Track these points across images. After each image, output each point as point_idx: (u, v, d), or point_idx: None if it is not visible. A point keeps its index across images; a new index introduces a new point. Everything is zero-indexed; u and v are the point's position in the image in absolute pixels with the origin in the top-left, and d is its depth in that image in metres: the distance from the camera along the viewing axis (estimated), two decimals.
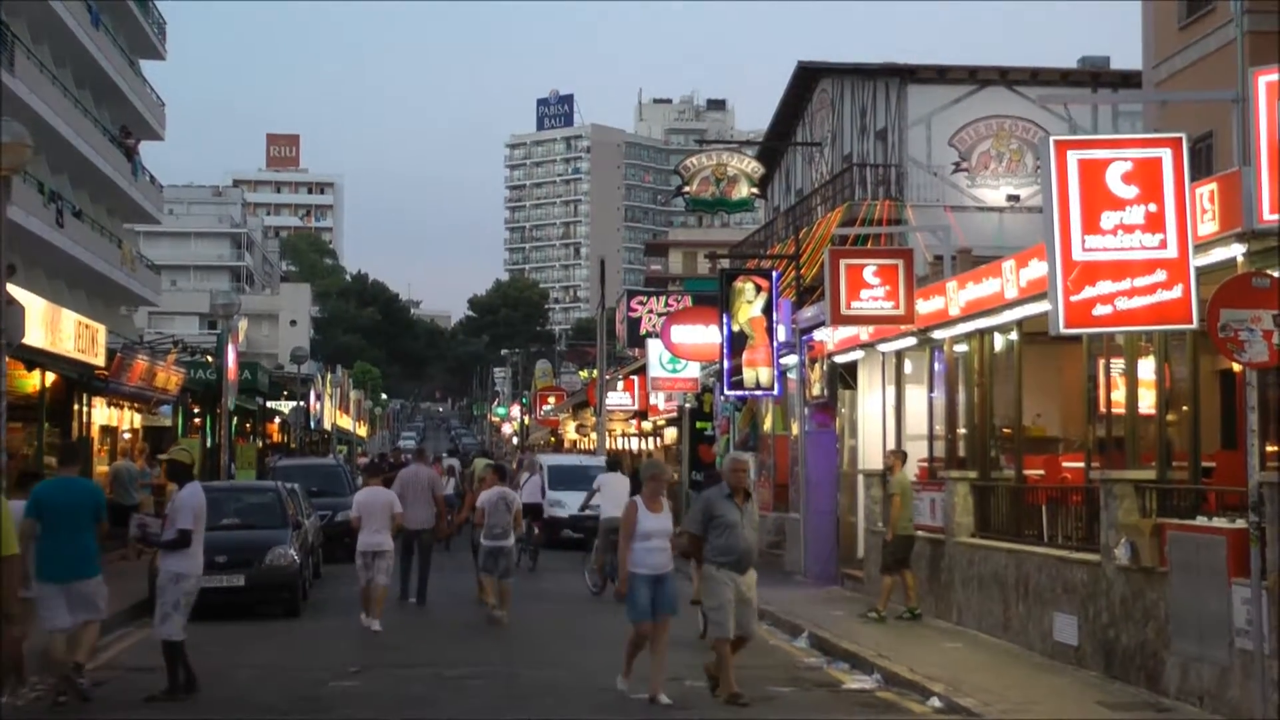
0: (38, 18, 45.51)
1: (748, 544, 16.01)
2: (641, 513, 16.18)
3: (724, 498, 16.06)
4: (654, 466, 17.30)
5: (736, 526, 15.89)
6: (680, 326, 38.64)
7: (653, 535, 16.14)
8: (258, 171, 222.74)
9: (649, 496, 16.37)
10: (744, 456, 17.05)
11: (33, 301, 25.48)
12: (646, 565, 16.05)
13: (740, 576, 15.92)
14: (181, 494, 16.51)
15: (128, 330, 57.65)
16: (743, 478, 16.31)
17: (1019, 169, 39.89)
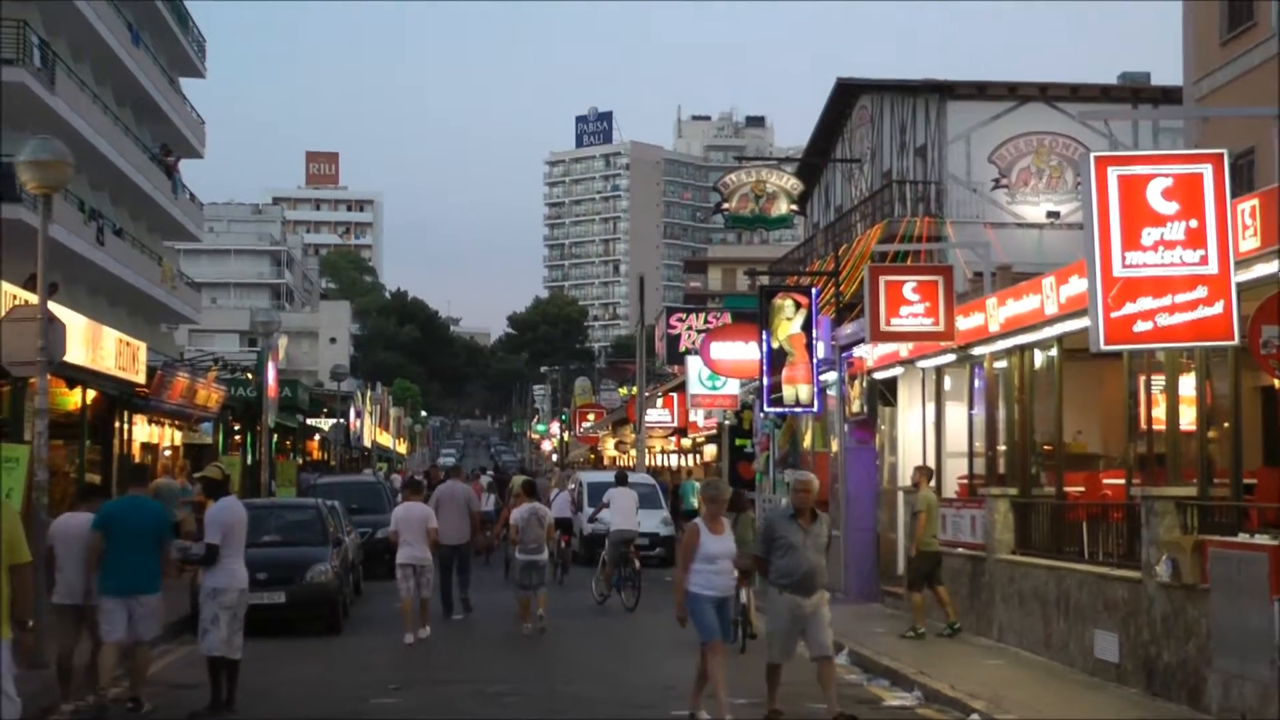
0: (79, 37, 45.82)
1: (810, 566, 15.50)
2: (704, 535, 15.60)
3: (787, 518, 15.75)
4: (714, 487, 16.55)
5: (799, 548, 15.44)
6: (719, 343, 38.60)
7: (717, 558, 15.60)
8: (297, 189, 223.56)
9: (710, 518, 15.79)
10: (809, 476, 16.21)
11: (74, 319, 25.61)
12: (713, 587, 15.58)
13: (805, 599, 15.49)
14: (211, 509, 16.90)
15: (168, 348, 57.91)
16: (807, 498, 15.73)
17: (1059, 185, 39.75)
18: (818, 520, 15.73)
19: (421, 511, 23.93)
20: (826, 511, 15.78)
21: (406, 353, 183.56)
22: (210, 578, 16.54)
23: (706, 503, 16.00)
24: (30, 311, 19.64)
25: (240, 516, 16.82)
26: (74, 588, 16.48)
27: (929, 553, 23.20)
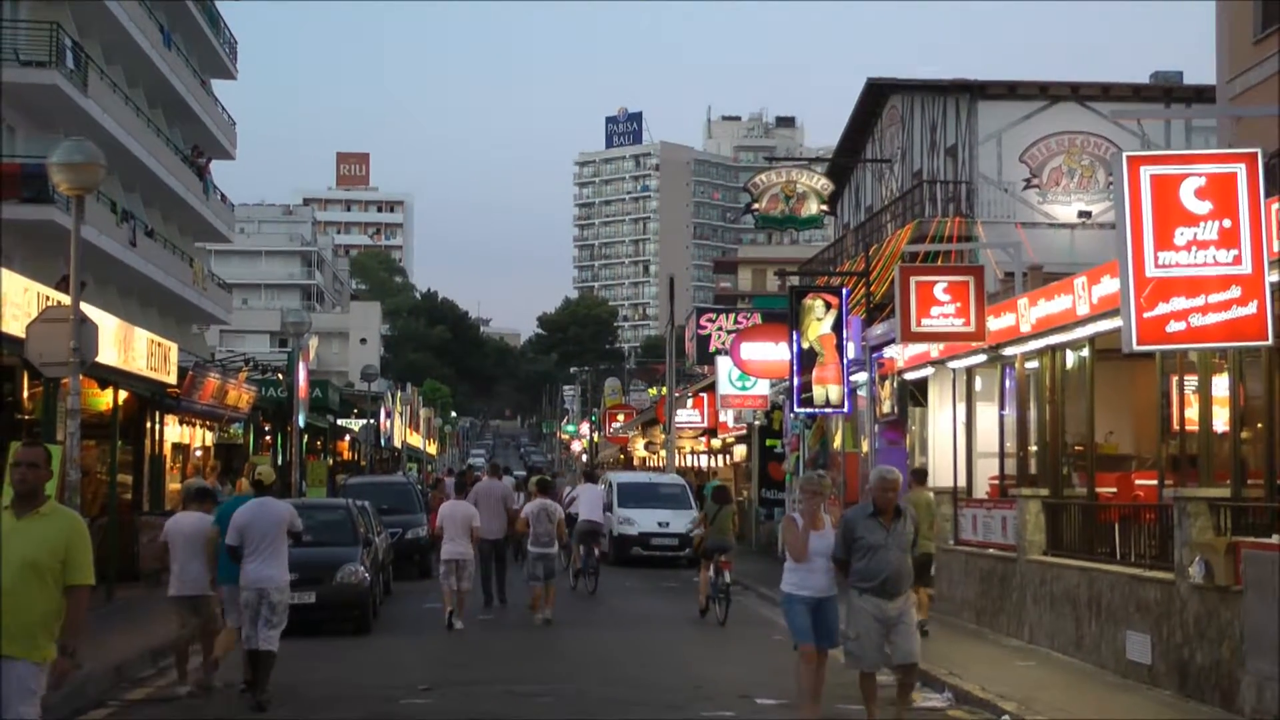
0: (111, 39, 45.99)
1: (894, 568, 14.60)
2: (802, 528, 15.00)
3: (867, 517, 14.74)
4: (812, 480, 15.58)
5: (880, 549, 14.54)
6: (750, 344, 38.59)
7: (812, 555, 14.89)
8: (328, 190, 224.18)
9: (808, 514, 15.05)
10: (894, 473, 15.15)
11: (105, 320, 25.68)
12: (809, 587, 14.94)
13: (888, 602, 14.61)
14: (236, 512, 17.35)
15: (199, 348, 58.08)
16: (891, 496, 14.74)
17: (1090, 185, 39.65)
18: (901, 518, 14.82)
19: (465, 510, 25.30)
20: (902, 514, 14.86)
21: (436, 353, 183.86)
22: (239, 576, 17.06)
23: (804, 496, 15.31)
24: (63, 312, 19.71)
25: (257, 517, 17.08)
26: (188, 581, 17.63)
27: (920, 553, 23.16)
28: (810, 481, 15.47)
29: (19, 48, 39.25)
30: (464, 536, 24.77)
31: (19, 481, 9.30)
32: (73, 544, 9.33)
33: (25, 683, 8.98)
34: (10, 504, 9.45)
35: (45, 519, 9.31)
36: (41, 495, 9.41)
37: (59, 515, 9.52)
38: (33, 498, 9.33)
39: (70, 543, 9.31)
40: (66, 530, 9.37)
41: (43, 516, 9.32)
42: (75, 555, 9.30)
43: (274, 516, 17.11)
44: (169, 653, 18.67)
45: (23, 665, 8.96)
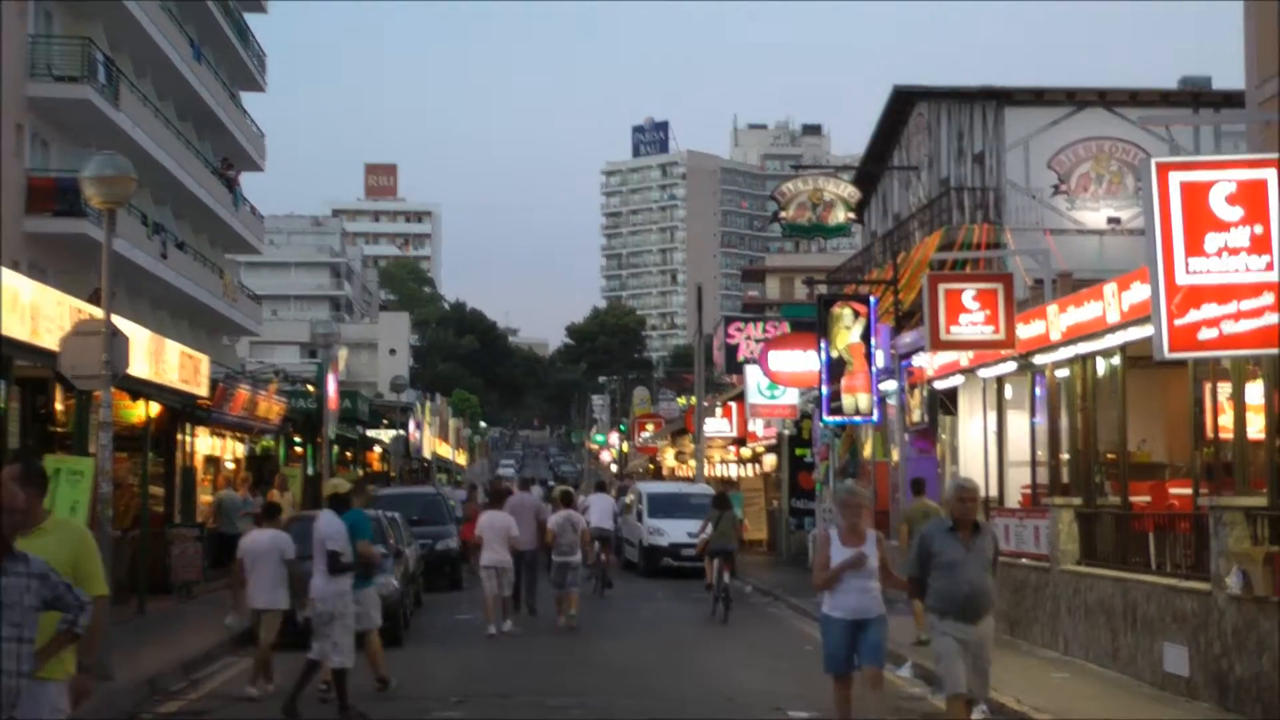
0: (141, 52, 46.19)
1: (974, 587, 13.43)
2: (835, 547, 13.89)
3: (945, 532, 13.62)
4: (848, 491, 14.52)
5: (959, 566, 13.42)
6: (778, 353, 38.57)
7: (848, 575, 13.78)
8: (356, 201, 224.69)
9: (847, 528, 13.94)
10: (972, 483, 14.21)
11: (137, 332, 25.76)
12: (844, 608, 13.79)
13: (969, 625, 13.46)
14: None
15: (230, 360, 58.24)
16: (970, 508, 13.66)
17: (1119, 191, 39.54)
18: (980, 534, 13.67)
19: (504, 520, 25.79)
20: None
21: (465, 364, 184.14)
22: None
23: (842, 510, 14.24)
24: (95, 325, 19.75)
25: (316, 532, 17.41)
26: (261, 595, 18.40)
27: None
28: (850, 494, 14.38)
29: (52, 62, 39.49)
30: (504, 544, 25.37)
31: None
32: (80, 556, 9.07)
33: (55, 702, 8.79)
34: None
35: (48, 535, 9.08)
36: (40, 512, 9.15)
37: (63, 529, 9.33)
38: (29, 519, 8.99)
39: (77, 556, 9.06)
40: (72, 543, 9.16)
41: (46, 533, 9.09)
42: (84, 567, 9.07)
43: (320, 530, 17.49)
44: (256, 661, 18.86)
45: (51, 686, 8.74)
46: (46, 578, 8.40)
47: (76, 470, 20.06)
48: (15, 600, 8.24)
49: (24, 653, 8.28)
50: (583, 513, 33.34)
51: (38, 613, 8.35)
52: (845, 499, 14.24)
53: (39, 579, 8.36)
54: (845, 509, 14.11)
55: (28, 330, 20.85)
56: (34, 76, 38.92)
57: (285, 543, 18.58)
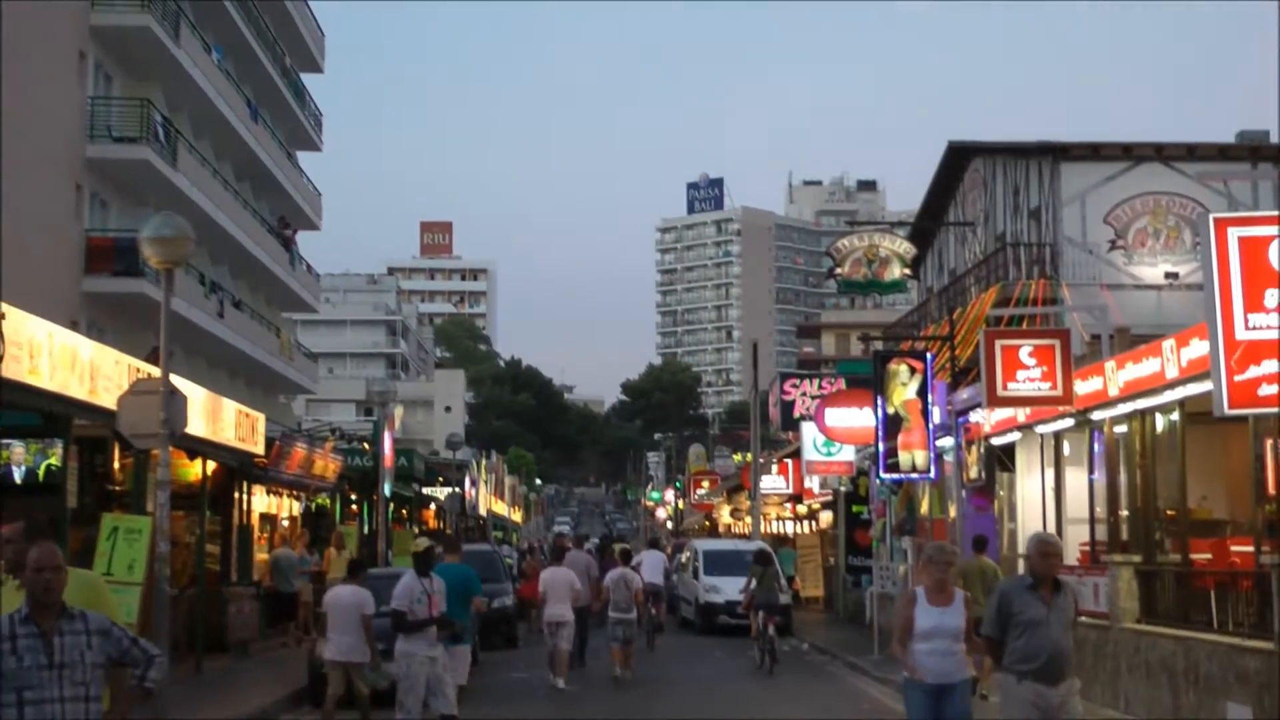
0: (200, 113, 46.65)
1: (1056, 647, 12.43)
2: (920, 607, 13.01)
3: (1025, 589, 12.64)
4: (936, 548, 13.65)
5: (1040, 625, 12.42)
6: (834, 409, 38.39)
7: (934, 635, 12.93)
8: (412, 259, 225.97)
9: (933, 587, 13.06)
10: (1055, 539, 13.23)
11: (194, 391, 25.89)
12: (930, 672, 12.96)
13: (1050, 688, 12.49)
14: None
15: (286, 418, 58.47)
16: (1053, 563, 12.76)
17: (1177, 246, 39.31)
18: (1061, 591, 12.70)
19: (567, 576, 26.65)
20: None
21: (521, 421, 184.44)
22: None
23: (929, 567, 13.31)
24: (153, 384, 19.84)
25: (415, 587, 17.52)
26: (343, 648, 18.80)
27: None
28: (938, 551, 13.52)
29: (111, 123, 39.91)
30: (567, 600, 26.07)
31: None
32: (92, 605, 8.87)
33: None
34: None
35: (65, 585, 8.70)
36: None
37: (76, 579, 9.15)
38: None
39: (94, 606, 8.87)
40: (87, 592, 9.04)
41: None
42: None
43: (405, 589, 17.65)
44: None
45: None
46: (108, 633, 8.37)
47: (134, 529, 20.17)
48: (75, 659, 8.20)
49: (92, 712, 8.22)
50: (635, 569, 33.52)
51: (104, 670, 8.32)
52: (933, 555, 13.43)
53: (100, 635, 8.33)
54: (932, 566, 13.25)
55: (86, 389, 20.99)
56: (93, 138, 39.36)
57: (366, 599, 18.82)
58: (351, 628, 18.74)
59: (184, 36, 42.74)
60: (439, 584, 17.48)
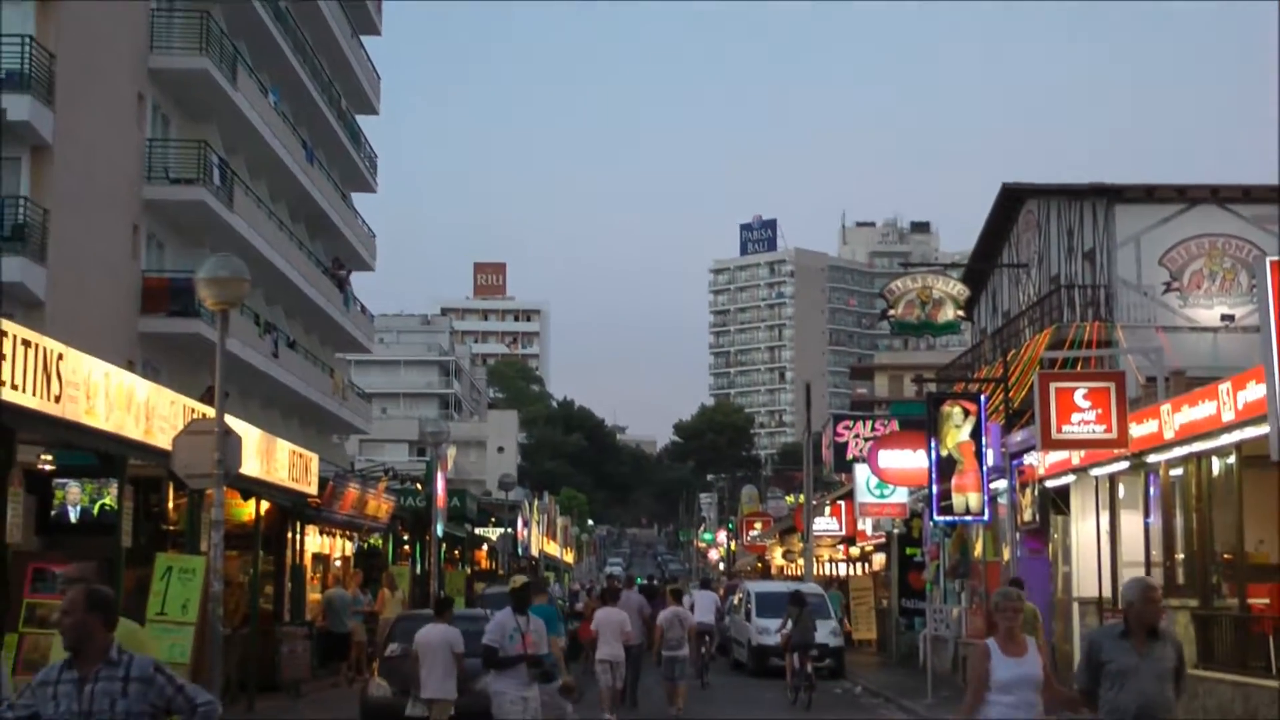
0: (256, 156, 47.02)
1: (1147, 698, 11.59)
2: (995, 658, 11.89)
3: (1115, 637, 11.80)
4: (1004, 595, 12.45)
5: (1132, 675, 11.56)
6: (887, 451, 38.28)
7: (1014, 687, 11.79)
8: (465, 300, 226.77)
9: (1005, 636, 11.99)
10: (1153, 583, 12.44)
11: (249, 431, 26.04)
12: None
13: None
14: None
15: (339, 458, 58.69)
16: (1158, 609, 11.82)
17: (1233, 288, 39.03)
18: (1158, 640, 11.77)
19: (618, 615, 26.78)
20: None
21: (573, 461, 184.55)
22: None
23: (1000, 615, 12.25)
24: (207, 425, 19.98)
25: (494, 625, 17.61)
26: (435, 686, 18.85)
27: None
28: (1006, 598, 12.37)
29: (168, 165, 40.27)
30: (618, 639, 26.26)
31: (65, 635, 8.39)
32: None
33: None
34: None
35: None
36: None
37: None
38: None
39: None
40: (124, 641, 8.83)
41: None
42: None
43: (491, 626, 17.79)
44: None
45: None
46: (150, 681, 8.26)
47: (188, 569, 20.27)
48: (104, 707, 8.14)
49: None
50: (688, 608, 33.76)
51: (149, 718, 8.22)
52: (1001, 602, 12.31)
53: (141, 683, 8.24)
54: (1000, 614, 12.19)
55: (142, 430, 21.15)
56: (151, 179, 39.72)
57: (455, 637, 18.92)
58: (441, 665, 18.85)
59: (241, 79, 43.13)
60: (536, 623, 17.31)
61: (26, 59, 32.83)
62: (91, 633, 8.34)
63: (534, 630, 17.10)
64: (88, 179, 35.70)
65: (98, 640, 8.33)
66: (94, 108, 36.10)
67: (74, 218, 34.62)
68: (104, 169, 36.85)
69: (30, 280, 32.28)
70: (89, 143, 35.67)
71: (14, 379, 16.98)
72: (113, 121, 37.59)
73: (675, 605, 30.28)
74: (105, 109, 37.02)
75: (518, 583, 18.11)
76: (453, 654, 18.81)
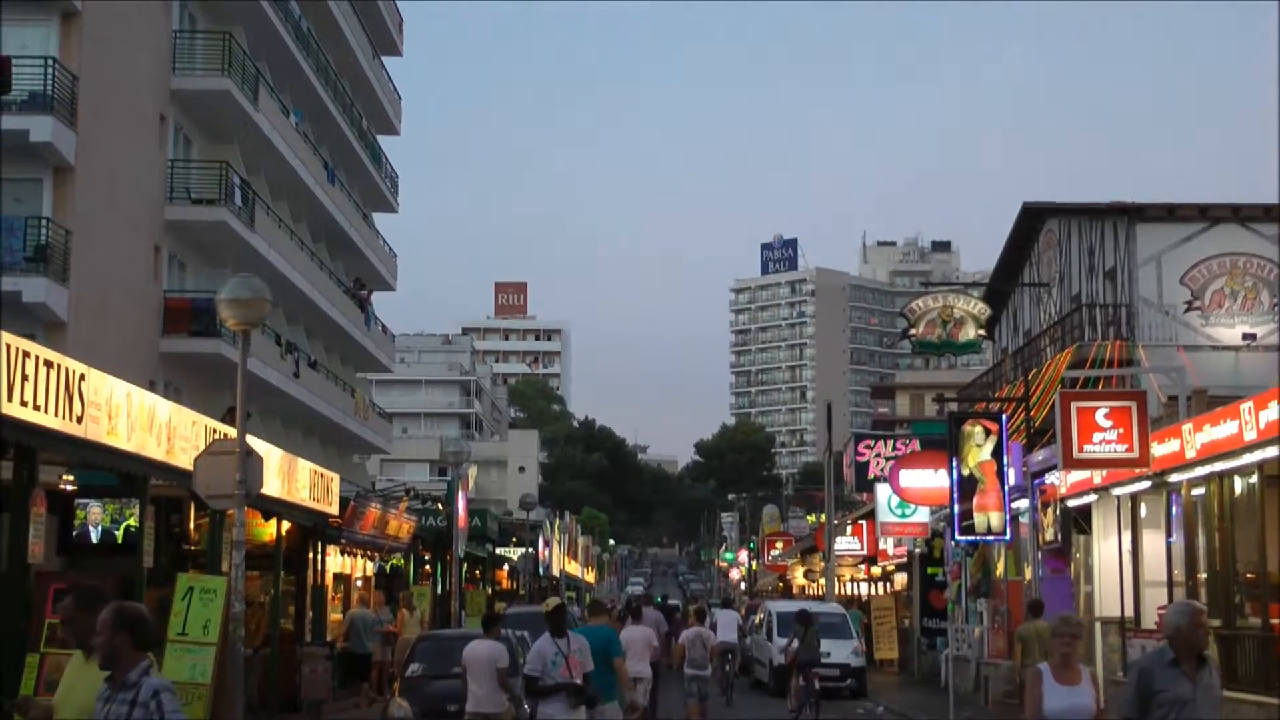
0: (277, 176, 47.17)
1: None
2: (1048, 685, 11.55)
3: (1167, 665, 11.09)
4: (1062, 620, 12.17)
5: (1188, 705, 10.90)
6: (909, 471, 38.22)
7: (1063, 716, 11.49)
8: (486, 319, 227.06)
9: (1059, 664, 11.60)
10: (1200, 606, 11.67)
11: (270, 452, 26.07)
12: None
13: None
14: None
15: (360, 478, 58.76)
16: (1202, 635, 11.21)
17: (1255, 307, 38.94)
18: (1205, 667, 11.13)
19: (644, 633, 26.36)
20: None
21: (594, 481, 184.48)
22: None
23: (1057, 640, 11.89)
24: (229, 445, 20.01)
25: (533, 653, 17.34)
26: (481, 700, 18.89)
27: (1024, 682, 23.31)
28: (1064, 623, 12.04)
29: (190, 185, 40.40)
30: (644, 658, 25.88)
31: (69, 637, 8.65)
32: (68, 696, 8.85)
33: None
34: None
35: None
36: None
37: None
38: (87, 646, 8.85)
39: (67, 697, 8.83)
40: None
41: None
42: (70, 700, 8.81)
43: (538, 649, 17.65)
44: None
45: None
46: (146, 705, 8.23)
47: (209, 589, 20.29)
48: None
49: None
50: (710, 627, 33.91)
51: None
52: (1058, 628, 11.93)
53: (142, 706, 8.23)
54: (1058, 640, 11.78)
55: (163, 450, 21.20)
56: (172, 199, 39.84)
57: (500, 653, 18.97)
58: (487, 680, 18.91)
59: (262, 99, 43.28)
60: (579, 644, 16.73)
61: (49, 80, 33.00)
62: (120, 651, 8.39)
63: (577, 651, 16.51)
64: (110, 200, 35.84)
65: (126, 659, 8.38)
66: (116, 128, 36.25)
67: (96, 238, 34.75)
68: (126, 190, 36.99)
69: (53, 301, 32.40)
70: (111, 164, 35.82)
71: (36, 399, 17.04)
72: (135, 142, 37.73)
73: (697, 624, 30.44)
74: (127, 130, 37.17)
75: (551, 605, 17.49)
76: (497, 669, 18.85)
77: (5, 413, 16.29)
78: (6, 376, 16.30)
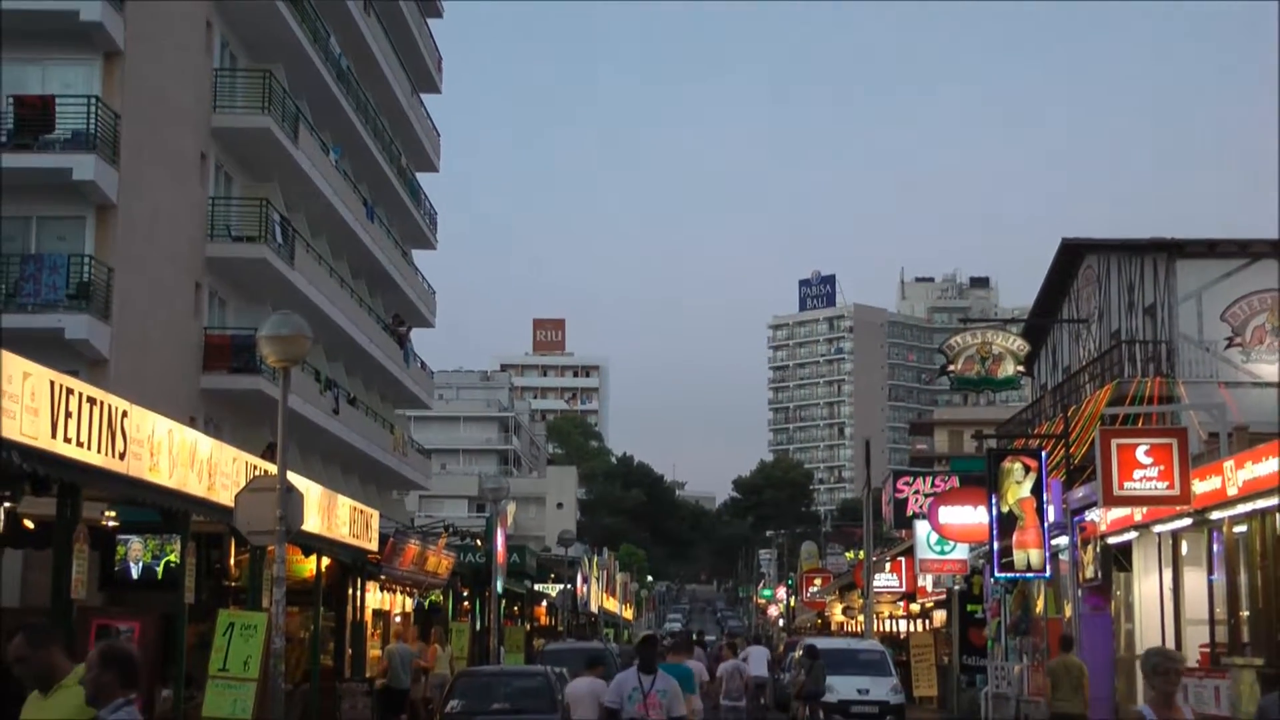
0: (317, 213, 47.40)
1: None
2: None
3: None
4: (1162, 655, 11.20)
5: None
6: (948, 507, 38.12)
7: None
8: (525, 356, 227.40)
9: (1160, 703, 10.85)
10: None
11: (310, 488, 26.15)
12: None
13: None
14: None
15: (399, 514, 58.83)
16: None
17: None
18: None
19: (695, 667, 25.77)
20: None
21: (632, 517, 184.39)
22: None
23: (1159, 678, 10.99)
24: (269, 482, 20.08)
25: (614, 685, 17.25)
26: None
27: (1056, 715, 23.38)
28: (1165, 659, 11.13)
29: (230, 223, 40.65)
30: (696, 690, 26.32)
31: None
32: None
33: None
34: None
35: (67, 690, 8.90)
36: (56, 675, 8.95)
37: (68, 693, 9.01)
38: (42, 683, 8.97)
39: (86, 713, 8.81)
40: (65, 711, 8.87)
41: (65, 689, 8.92)
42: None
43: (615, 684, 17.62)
44: None
45: None
46: None
47: (250, 624, 20.34)
48: None
49: None
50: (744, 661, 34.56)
51: None
52: (1159, 664, 11.02)
53: None
54: (1159, 678, 10.94)
55: (204, 486, 21.29)
56: (213, 236, 40.06)
57: (601, 688, 18.84)
58: (590, 713, 18.76)
59: (302, 137, 43.54)
60: (665, 684, 16.13)
61: (92, 119, 33.27)
62: (107, 689, 8.49)
63: (659, 690, 16.02)
64: (151, 237, 36.07)
65: (110, 697, 8.47)
66: (158, 166, 36.51)
67: (138, 275, 34.98)
68: (167, 227, 37.22)
69: (95, 338, 32.60)
70: (153, 201, 36.06)
71: (80, 436, 17.14)
72: (176, 180, 37.98)
73: (733, 659, 31.81)
74: (169, 167, 37.42)
75: (641, 638, 17.30)
76: (599, 703, 18.44)
77: (50, 450, 16.40)
78: (50, 414, 16.40)
